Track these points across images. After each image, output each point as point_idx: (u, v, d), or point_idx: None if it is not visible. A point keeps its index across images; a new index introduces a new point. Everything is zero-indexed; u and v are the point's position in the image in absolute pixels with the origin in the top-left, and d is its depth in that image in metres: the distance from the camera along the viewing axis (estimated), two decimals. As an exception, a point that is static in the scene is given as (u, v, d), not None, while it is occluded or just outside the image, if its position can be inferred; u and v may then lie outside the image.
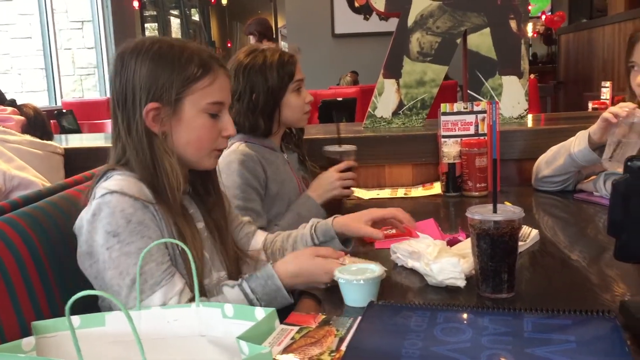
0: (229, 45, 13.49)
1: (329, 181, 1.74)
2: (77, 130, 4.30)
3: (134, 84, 1.15)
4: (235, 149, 1.68)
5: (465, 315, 0.92)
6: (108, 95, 7.28)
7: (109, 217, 1.08)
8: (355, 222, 1.30)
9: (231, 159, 1.65)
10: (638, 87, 1.62)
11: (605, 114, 1.61)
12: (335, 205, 1.87)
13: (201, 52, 1.20)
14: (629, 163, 0.84)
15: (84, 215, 1.13)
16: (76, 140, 2.61)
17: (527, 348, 0.80)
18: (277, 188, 1.71)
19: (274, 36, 9.24)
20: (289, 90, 1.71)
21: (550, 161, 1.82)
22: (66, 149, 2.08)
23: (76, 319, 1.03)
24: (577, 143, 1.71)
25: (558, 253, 1.30)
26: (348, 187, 1.78)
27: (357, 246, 1.40)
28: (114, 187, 1.10)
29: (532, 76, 7.06)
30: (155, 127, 1.16)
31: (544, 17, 8.87)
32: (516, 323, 0.87)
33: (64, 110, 4.42)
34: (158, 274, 1.10)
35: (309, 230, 1.36)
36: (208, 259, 1.23)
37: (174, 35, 11.01)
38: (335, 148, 1.82)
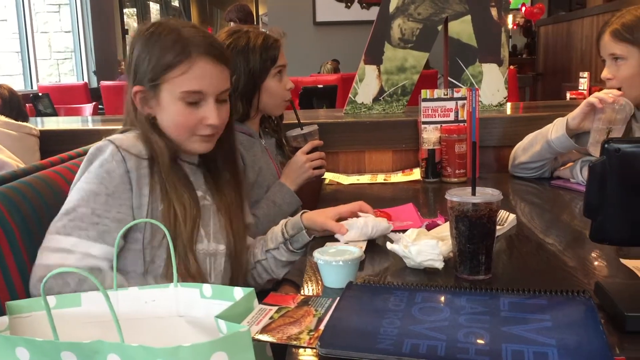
0: (209, 31, 13.35)
1: (298, 165, 1.74)
2: (54, 114, 4.23)
3: (129, 65, 1.23)
4: None
5: (442, 296, 0.93)
6: (85, 79, 7.20)
7: (94, 161, 1.16)
8: (321, 217, 1.31)
9: None
10: (605, 79, 1.67)
11: (591, 99, 1.63)
12: (315, 190, 1.87)
13: (192, 37, 1.20)
14: (605, 145, 0.85)
15: (87, 154, 1.20)
16: (52, 123, 2.57)
17: (503, 327, 0.81)
18: (254, 175, 1.70)
19: (255, 24, 9.16)
20: (270, 75, 1.69)
21: (527, 147, 1.83)
22: (42, 131, 2.05)
23: (52, 299, 1.02)
24: (555, 130, 1.73)
25: (534, 237, 1.31)
26: (319, 167, 1.78)
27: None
28: (112, 137, 1.19)
29: (511, 67, 7.12)
30: (141, 107, 1.23)
31: (524, 9, 8.93)
32: (493, 303, 0.88)
33: (40, 94, 4.34)
34: (85, 222, 1.11)
35: (281, 226, 1.37)
36: (201, 227, 1.24)
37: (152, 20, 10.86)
38: (297, 132, 1.82)
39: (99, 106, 5.02)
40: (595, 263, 1.14)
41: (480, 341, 0.77)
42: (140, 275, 1.18)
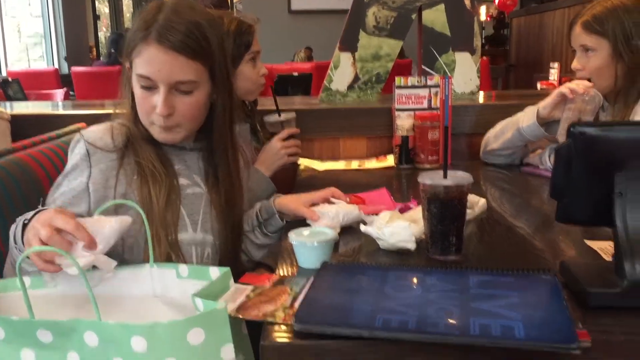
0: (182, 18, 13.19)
1: (273, 151, 1.75)
2: (24, 99, 4.16)
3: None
4: None
5: (414, 274, 0.95)
6: (56, 65, 7.07)
7: (71, 153, 1.21)
8: (293, 203, 1.31)
9: None
10: (575, 70, 1.71)
11: (562, 89, 1.67)
12: (290, 177, 1.88)
13: (160, 20, 1.16)
14: (571, 129, 0.88)
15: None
16: (23, 107, 2.53)
17: (472, 303, 0.83)
18: None
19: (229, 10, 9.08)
20: (244, 60, 1.70)
21: (499, 135, 1.87)
22: (13, 116, 2.02)
23: (26, 280, 1.02)
24: (526, 118, 1.77)
25: (504, 221, 1.35)
26: (294, 154, 1.79)
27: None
28: (84, 131, 1.23)
29: (484, 58, 7.20)
30: (126, 82, 1.24)
31: (497, 0, 9.02)
32: (462, 281, 0.91)
33: (10, 79, 4.26)
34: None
35: (255, 209, 1.38)
36: (184, 215, 1.24)
37: (125, 7, 10.68)
38: (275, 118, 1.81)
39: (70, 92, 4.94)
40: (562, 245, 1.18)
41: (449, 316, 0.80)
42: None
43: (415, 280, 0.93)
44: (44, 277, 1.02)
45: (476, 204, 1.39)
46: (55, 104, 2.97)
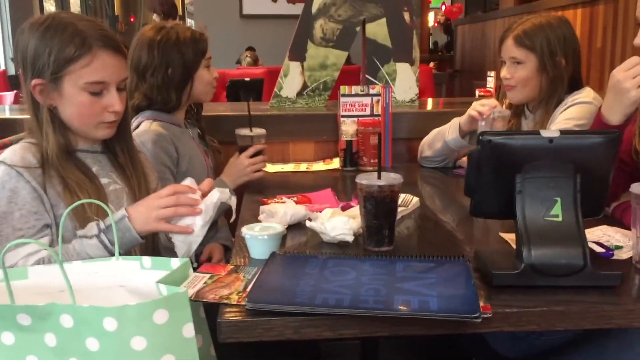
0: (132, 19, 13.08)
1: (240, 168, 1.86)
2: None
3: (25, 58, 1.27)
4: (148, 129, 1.76)
5: (350, 262, 1.10)
6: (2, 67, 6.93)
7: None
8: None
9: (144, 139, 1.73)
10: (503, 79, 1.88)
11: (471, 112, 1.87)
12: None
13: (88, 30, 1.26)
14: (480, 137, 1.05)
15: None
16: (-21, 111, 2.57)
17: (397, 284, 0.99)
18: (186, 164, 1.82)
19: (180, 13, 9.10)
20: (201, 66, 1.83)
21: (431, 144, 2.06)
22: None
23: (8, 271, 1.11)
24: (451, 131, 1.96)
25: (433, 216, 1.52)
26: (259, 171, 1.89)
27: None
28: (1, 158, 1.26)
29: (431, 64, 7.47)
30: (42, 99, 1.29)
31: (444, 7, 9.34)
32: (391, 266, 1.07)
33: (-42, 81, 4.21)
34: (12, 239, 1.19)
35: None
36: (113, 211, 1.31)
37: (72, 7, 10.53)
38: (246, 132, 1.90)
39: (20, 95, 4.90)
40: (480, 236, 1.35)
41: (378, 294, 0.95)
42: None
43: (350, 266, 1.08)
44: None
45: (410, 202, 1.55)
46: (10, 108, 3.00)
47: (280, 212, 1.38)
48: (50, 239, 1.25)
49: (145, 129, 1.77)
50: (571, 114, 1.75)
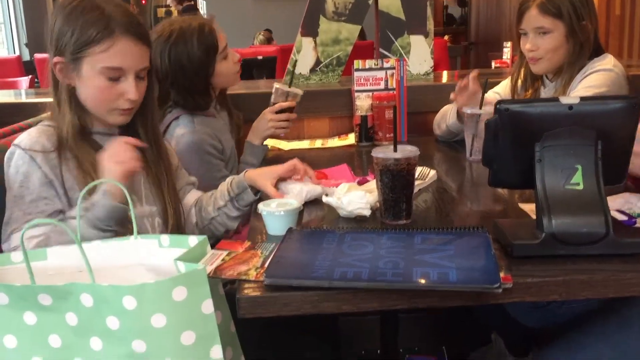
0: (143, 2, 13.06)
1: (263, 122, 1.89)
2: (-11, 88, 4.15)
3: (51, 36, 1.29)
4: (192, 130, 1.75)
5: (368, 235, 1.10)
6: (17, 52, 6.97)
7: (9, 167, 1.27)
8: (262, 180, 1.41)
9: (193, 140, 1.73)
10: (527, 51, 1.81)
11: (452, 95, 1.84)
12: None
13: (115, 15, 1.26)
14: (497, 106, 1.03)
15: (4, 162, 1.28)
16: (-6, 96, 2.58)
17: (415, 256, 0.98)
18: (229, 150, 1.85)
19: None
20: (217, 60, 1.79)
21: (438, 124, 2.04)
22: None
23: (18, 254, 1.12)
24: (451, 115, 1.94)
25: (450, 189, 1.50)
26: (284, 128, 1.91)
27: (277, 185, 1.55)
28: (17, 141, 1.28)
29: (445, 37, 7.37)
30: (61, 78, 1.30)
31: (457, -21, 9.17)
32: (409, 239, 1.06)
33: (-26, 68, 4.25)
34: (22, 222, 1.22)
35: (227, 185, 1.49)
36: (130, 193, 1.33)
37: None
38: (284, 87, 1.92)
39: (35, 79, 4.93)
40: (498, 208, 1.34)
41: (396, 267, 0.94)
42: None
43: (368, 240, 1.07)
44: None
45: (427, 175, 1.54)
46: (26, 92, 3.02)
47: (297, 189, 1.37)
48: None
49: (189, 130, 1.75)
50: (591, 81, 1.71)
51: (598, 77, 1.71)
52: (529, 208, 1.26)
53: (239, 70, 1.88)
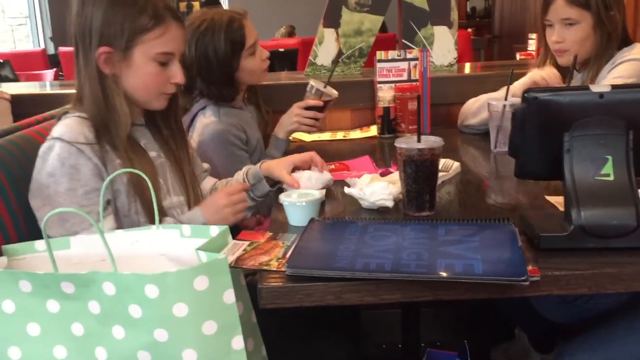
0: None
1: (289, 115, 1.87)
2: (15, 80, 4.21)
3: (91, 26, 1.26)
4: (217, 120, 1.76)
5: (391, 226, 1.08)
6: (42, 46, 7.06)
7: (50, 161, 1.22)
8: (278, 168, 1.42)
9: (218, 130, 1.74)
10: (554, 43, 1.77)
11: (535, 76, 1.79)
12: None
13: (156, 2, 1.27)
14: (525, 95, 1.00)
15: (38, 156, 1.25)
16: (20, 88, 2.61)
17: (439, 247, 0.96)
18: (255, 142, 1.85)
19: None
20: (243, 58, 1.78)
21: (476, 112, 1.96)
22: (13, 96, 2.11)
23: (42, 243, 1.13)
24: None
25: (475, 181, 1.48)
26: (310, 126, 1.88)
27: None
28: (56, 134, 1.24)
29: (469, 30, 7.29)
30: (107, 69, 1.28)
31: (481, -29, 9.05)
32: (433, 230, 1.04)
33: (1, 61, 4.31)
34: (77, 217, 1.20)
35: (242, 174, 1.49)
36: (163, 184, 1.35)
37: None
38: (318, 85, 1.89)
39: (60, 73, 4.99)
40: (524, 200, 1.31)
41: (420, 259, 0.93)
42: None
43: (391, 230, 1.06)
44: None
45: (451, 167, 1.52)
46: (51, 84, 3.05)
47: (306, 175, 1.36)
48: (112, 214, 1.27)
49: (214, 120, 1.76)
50: (620, 72, 1.67)
51: (627, 67, 1.67)
52: (556, 200, 1.24)
53: (266, 68, 1.87)
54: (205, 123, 1.75)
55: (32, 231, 1.25)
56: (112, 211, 1.27)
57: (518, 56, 3.76)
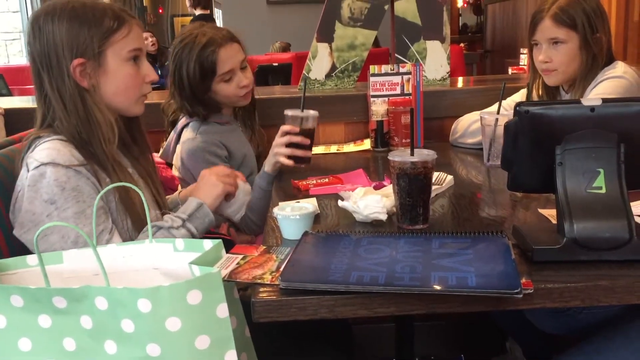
0: (160, 11, 13.18)
1: (272, 148, 1.70)
2: (9, 94, 4.21)
3: (56, 44, 1.22)
4: (194, 137, 1.76)
5: (384, 239, 1.08)
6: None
7: (46, 188, 1.17)
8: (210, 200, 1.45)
9: (193, 147, 1.74)
10: (541, 63, 1.78)
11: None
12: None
13: (112, 6, 1.29)
14: (517, 108, 1.01)
15: (20, 187, 1.21)
16: (14, 102, 2.61)
17: (433, 260, 0.96)
18: (241, 157, 1.83)
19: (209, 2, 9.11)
20: (215, 82, 1.76)
21: (474, 132, 1.95)
22: (6, 110, 2.11)
23: (34, 258, 1.12)
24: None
25: (468, 194, 1.48)
26: (298, 156, 1.67)
27: (294, 191, 1.55)
28: (46, 159, 1.18)
29: (462, 45, 7.35)
30: (84, 81, 1.25)
31: (472, -13, 9.16)
32: (426, 243, 1.04)
33: (-6, 75, 4.31)
34: (92, 237, 1.17)
35: (176, 196, 1.53)
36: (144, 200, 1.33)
37: (102, -1, 10.64)
38: (296, 112, 1.70)
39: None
40: (518, 213, 1.31)
41: (413, 272, 0.93)
42: None
43: (385, 243, 1.06)
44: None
45: (444, 180, 1.52)
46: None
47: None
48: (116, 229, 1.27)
49: (190, 136, 1.77)
50: (603, 89, 1.68)
51: (608, 85, 1.68)
52: (549, 213, 1.24)
53: (245, 94, 1.82)
54: (183, 140, 1.77)
55: (25, 246, 1.24)
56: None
57: (510, 70, 3.79)
